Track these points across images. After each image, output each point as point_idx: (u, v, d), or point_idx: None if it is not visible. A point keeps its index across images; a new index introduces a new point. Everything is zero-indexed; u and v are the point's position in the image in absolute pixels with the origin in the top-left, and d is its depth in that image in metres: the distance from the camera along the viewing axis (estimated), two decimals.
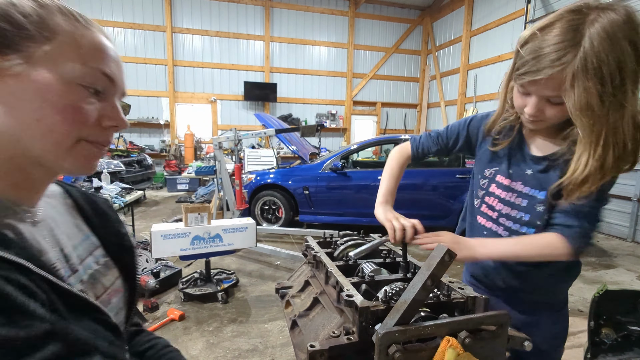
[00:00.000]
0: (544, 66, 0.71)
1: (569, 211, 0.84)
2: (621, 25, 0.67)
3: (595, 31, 0.67)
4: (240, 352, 2.40)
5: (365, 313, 0.69)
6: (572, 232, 0.83)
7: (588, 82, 0.68)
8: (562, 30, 0.70)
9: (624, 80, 0.69)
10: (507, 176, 0.96)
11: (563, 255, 0.84)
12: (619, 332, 0.98)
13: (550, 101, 0.77)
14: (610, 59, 0.67)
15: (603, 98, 0.69)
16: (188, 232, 2.86)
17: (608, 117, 0.71)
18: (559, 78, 0.71)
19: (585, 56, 0.67)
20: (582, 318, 2.93)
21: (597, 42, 0.67)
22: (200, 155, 9.73)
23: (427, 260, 0.67)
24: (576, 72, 0.68)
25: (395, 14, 11.30)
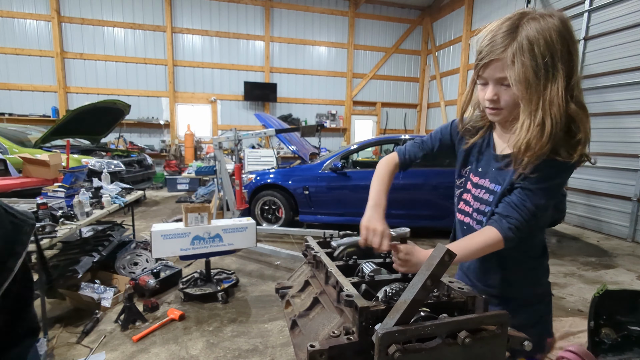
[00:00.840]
0: (493, 49, 0.88)
1: (508, 202, 0.93)
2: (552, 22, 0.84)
3: (530, 24, 0.85)
4: (240, 352, 2.40)
5: (365, 313, 0.69)
6: (504, 224, 0.92)
7: (523, 58, 0.84)
8: (507, 24, 0.88)
9: (554, 60, 0.84)
10: (476, 174, 1.07)
11: (497, 245, 0.92)
12: (619, 332, 0.98)
13: (503, 84, 0.90)
14: (540, 41, 0.83)
15: (536, 71, 0.84)
16: (188, 232, 2.86)
17: (541, 88, 0.85)
18: (503, 59, 0.87)
19: (521, 39, 0.84)
20: (582, 318, 2.92)
21: (530, 29, 0.84)
22: (200, 155, 9.73)
23: (427, 260, 0.67)
24: (515, 51, 0.85)
25: (395, 14, 11.30)
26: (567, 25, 0.86)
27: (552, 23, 0.84)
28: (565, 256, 4.59)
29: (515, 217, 0.91)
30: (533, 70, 0.84)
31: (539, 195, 0.91)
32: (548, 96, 0.85)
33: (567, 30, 0.85)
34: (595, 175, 5.88)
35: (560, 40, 0.84)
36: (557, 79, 0.84)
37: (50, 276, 2.73)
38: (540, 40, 0.83)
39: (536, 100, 0.86)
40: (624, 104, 5.41)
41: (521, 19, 0.87)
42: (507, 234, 0.91)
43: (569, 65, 0.85)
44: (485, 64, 0.90)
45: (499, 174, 1.00)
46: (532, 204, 0.91)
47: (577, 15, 6.08)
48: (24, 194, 3.69)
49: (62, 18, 8.98)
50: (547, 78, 0.84)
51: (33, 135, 6.30)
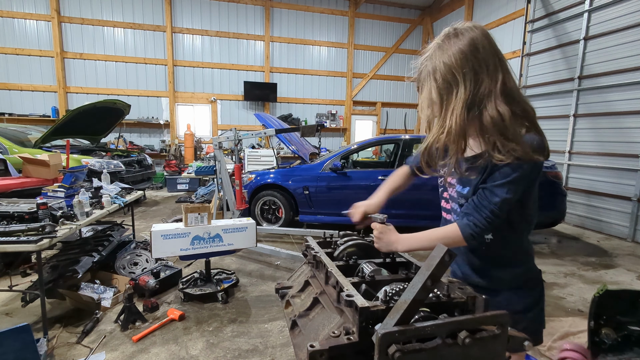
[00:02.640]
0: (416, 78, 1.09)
1: (470, 203, 1.03)
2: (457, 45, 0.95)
3: (437, 52, 0.98)
4: (240, 352, 2.40)
5: (365, 313, 0.69)
6: (464, 222, 1.01)
7: (429, 83, 1.00)
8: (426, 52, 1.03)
9: (455, 77, 0.95)
10: (450, 175, 1.15)
11: (459, 241, 1.01)
12: (619, 332, 0.98)
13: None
14: (440, 65, 0.97)
15: (439, 91, 0.98)
16: (188, 232, 2.86)
17: (443, 102, 0.98)
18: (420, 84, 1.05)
19: (428, 66, 1.01)
20: (582, 318, 2.93)
21: (436, 59, 0.98)
22: (200, 155, 9.73)
23: (427, 260, 0.67)
24: (424, 78, 1.03)
25: (395, 14, 11.30)
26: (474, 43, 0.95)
27: (457, 45, 0.95)
28: (565, 256, 4.59)
29: (474, 215, 1.00)
30: (436, 90, 0.99)
31: (495, 193, 0.97)
32: (450, 107, 0.97)
33: (472, 49, 0.95)
34: (595, 175, 5.88)
35: (461, 59, 0.95)
36: (458, 92, 0.95)
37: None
38: (440, 65, 0.96)
39: (440, 111, 1.00)
40: (624, 104, 5.41)
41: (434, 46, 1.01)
42: (464, 230, 1.00)
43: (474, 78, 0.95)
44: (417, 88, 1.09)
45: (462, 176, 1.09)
46: (489, 202, 0.98)
47: (577, 15, 6.08)
48: (24, 194, 3.69)
49: (62, 18, 8.98)
50: (449, 92, 0.97)
51: (33, 135, 6.30)
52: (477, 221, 0.99)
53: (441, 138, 0.99)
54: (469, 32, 0.96)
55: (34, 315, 2.76)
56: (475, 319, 0.69)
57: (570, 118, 6.22)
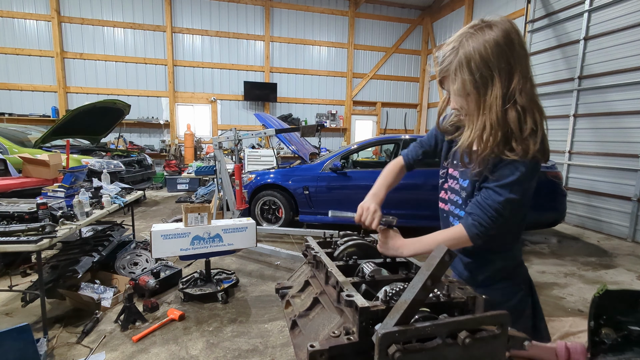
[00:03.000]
0: (443, 66, 0.99)
1: (475, 202, 1.02)
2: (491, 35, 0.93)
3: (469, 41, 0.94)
4: (240, 352, 2.40)
5: (365, 313, 0.69)
6: (469, 222, 1.00)
7: (462, 74, 0.94)
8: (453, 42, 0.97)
9: (491, 71, 0.92)
10: (451, 166, 1.18)
11: (465, 242, 1.01)
12: (619, 332, 0.98)
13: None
14: (476, 57, 0.92)
15: (474, 84, 0.94)
16: (188, 232, 2.86)
17: (480, 97, 0.95)
18: (449, 74, 0.97)
19: (460, 57, 0.94)
20: (582, 318, 2.92)
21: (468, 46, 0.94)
22: (200, 155, 9.73)
23: (427, 260, 0.67)
24: (456, 68, 0.95)
25: (395, 14, 11.30)
26: (506, 34, 0.93)
27: (490, 36, 0.93)
28: (565, 256, 4.59)
29: (478, 214, 0.99)
30: (471, 84, 0.94)
31: (499, 192, 0.97)
32: (487, 103, 0.94)
33: (506, 41, 0.93)
34: (595, 175, 5.88)
35: (497, 52, 0.92)
36: (495, 88, 0.93)
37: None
38: (475, 56, 0.92)
39: (477, 107, 0.96)
40: (624, 104, 5.41)
41: (464, 35, 0.96)
42: (470, 229, 1.00)
43: (509, 73, 0.93)
44: (441, 79, 1.03)
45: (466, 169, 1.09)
46: (493, 202, 0.98)
47: (577, 15, 6.08)
48: (24, 194, 3.69)
49: (62, 18, 8.98)
50: (486, 87, 0.94)
51: (33, 135, 6.30)
52: (482, 220, 0.98)
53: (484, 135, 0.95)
54: (502, 24, 0.95)
55: (34, 315, 2.75)
56: (475, 319, 0.69)
57: (570, 118, 6.22)
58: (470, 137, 0.97)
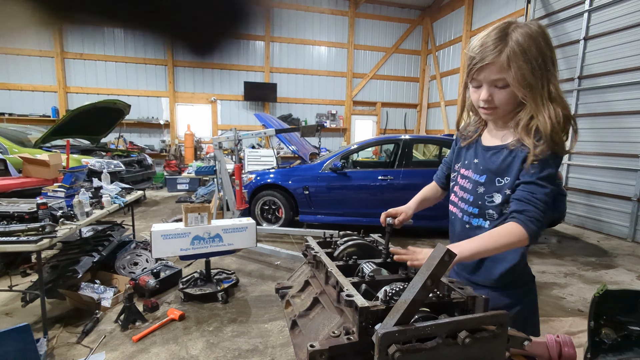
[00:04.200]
0: (487, 54, 0.96)
1: (521, 199, 0.98)
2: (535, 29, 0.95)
3: (518, 31, 0.94)
4: (240, 352, 2.40)
5: (365, 313, 0.69)
6: (524, 218, 0.95)
7: (519, 62, 0.93)
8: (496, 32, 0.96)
9: (546, 62, 0.94)
10: (464, 166, 1.17)
11: (522, 240, 0.94)
12: (619, 332, 0.98)
13: (497, 86, 0.99)
14: (531, 47, 0.93)
15: (533, 73, 0.94)
16: (188, 232, 2.86)
17: (540, 86, 0.95)
18: (498, 62, 0.95)
19: (513, 44, 0.93)
20: (582, 318, 2.93)
21: (520, 36, 0.93)
22: (200, 155, 9.73)
23: (427, 260, 0.67)
24: (510, 55, 0.93)
25: (395, 14, 11.30)
26: (546, 33, 0.97)
27: (535, 30, 0.95)
28: (565, 256, 4.59)
29: (531, 209, 0.95)
30: (530, 72, 0.94)
31: (542, 184, 0.97)
32: (548, 94, 0.95)
33: (548, 38, 0.96)
34: (595, 175, 5.88)
35: (546, 45, 0.95)
36: (553, 78, 0.96)
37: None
38: (531, 45, 0.93)
39: (540, 97, 0.96)
40: (624, 104, 5.41)
41: (508, 27, 0.96)
42: (529, 226, 0.94)
43: (554, 66, 0.97)
44: (479, 67, 0.99)
45: (484, 163, 1.09)
46: (541, 194, 0.96)
47: (577, 15, 6.08)
48: (24, 194, 3.69)
49: None
50: (543, 78, 0.95)
51: (33, 135, 6.30)
52: (538, 215, 0.95)
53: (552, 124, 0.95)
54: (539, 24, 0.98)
55: (34, 315, 2.75)
56: (475, 318, 0.69)
57: None
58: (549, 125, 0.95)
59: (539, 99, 0.96)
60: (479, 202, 1.08)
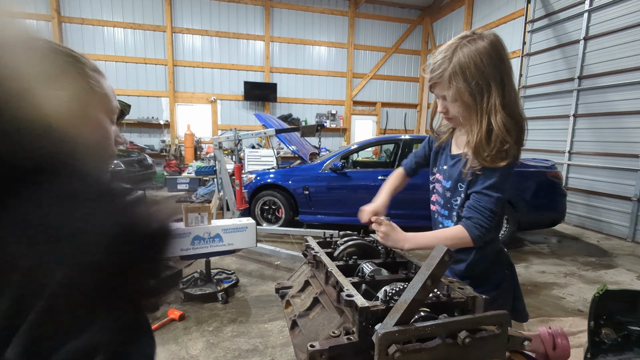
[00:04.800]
0: (434, 74, 1.05)
1: (470, 207, 1.08)
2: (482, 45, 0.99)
3: (463, 50, 0.99)
4: (240, 352, 2.40)
5: (365, 313, 0.69)
6: (469, 224, 1.06)
7: (457, 83, 1.00)
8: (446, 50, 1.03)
9: (486, 79, 0.99)
10: (438, 172, 1.26)
11: (466, 242, 1.06)
12: (619, 332, 0.98)
13: (447, 99, 1.07)
14: (470, 66, 0.98)
15: (470, 91, 1.00)
16: (188, 232, 2.86)
17: (477, 104, 1.01)
18: (442, 81, 1.04)
19: (454, 65, 1.00)
20: (582, 318, 2.93)
21: (462, 55, 0.99)
22: (200, 155, 9.73)
23: (427, 260, 0.67)
24: (450, 76, 1.01)
25: (395, 14, 11.30)
26: (496, 46, 1.00)
27: (482, 46, 0.99)
28: (565, 256, 4.59)
29: (477, 217, 1.05)
30: (467, 91, 1.00)
31: (489, 194, 1.05)
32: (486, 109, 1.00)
33: (495, 52, 1.00)
34: (595, 175, 5.88)
35: (489, 61, 0.99)
36: (492, 94, 1.00)
37: None
38: (470, 64, 0.98)
39: (475, 114, 1.03)
40: (624, 104, 5.41)
41: (457, 45, 1.01)
42: (472, 231, 1.05)
43: (501, 82, 1.00)
44: (431, 85, 1.09)
45: (449, 171, 1.19)
46: (486, 202, 1.05)
47: (577, 15, 6.08)
48: None
49: (62, 18, 8.99)
50: (482, 95, 1.00)
51: None
52: (482, 222, 1.04)
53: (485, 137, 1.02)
54: (492, 37, 1.01)
55: None
56: (475, 318, 0.69)
57: (570, 118, 6.22)
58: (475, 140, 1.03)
59: (475, 116, 1.03)
60: (448, 205, 1.20)
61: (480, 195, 1.06)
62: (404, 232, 1.10)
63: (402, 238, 1.09)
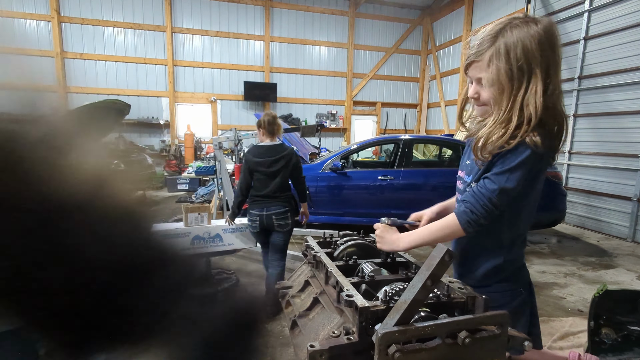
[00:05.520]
0: (472, 53, 0.97)
1: (470, 191, 0.99)
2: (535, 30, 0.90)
3: (512, 31, 0.91)
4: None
5: (365, 313, 0.69)
6: (461, 209, 0.97)
7: (498, 63, 0.91)
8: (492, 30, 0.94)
9: (531, 65, 0.89)
10: (461, 168, 1.18)
11: (457, 231, 0.97)
12: (619, 332, 0.98)
13: (482, 84, 0.98)
14: (517, 47, 0.89)
15: (510, 75, 0.90)
16: (188, 232, 2.86)
17: (514, 91, 0.91)
18: (482, 61, 0.95)
19: (499, 45, 0.91)
20: (582, 318, 2.93)
21: (511, 36, 0.90)
22: (200, 155, 9.73)
23: (427, 260, 0.67)
24: (491, 55, 0.92)
25: (395, 14, 11.30)
26: (551, 33, 0.91)
27: (535, 31, 0.90)
28: (565, 256, 4.59)
29: (471, 201, 0.96)
30: (506, 74, 0.91)
31: (494, 181, 0.95)
32: (521, 98, 0.90)
33: (548, 39, 0.90)
34: (595, 175, 5.88)
35: (539, 47, 0.89)
36: (534, 83, 0.90)
37: None
38: (517, 46, 0.89)
39: (507, 101, 0.92)
40: (624, 104, 5.41)
41: (507, 24, 0.92)
42: (461, 217, 0.96)
43: (547, 72, 0.91)
44: (468, 64, 1.00)
45: (469, 166, 1.11)
46: (487, 190, 0.95)
47: (577, 15, 6.08)
48: None
49: (62, 18, 8.98)
50: (521, 81, 0.90)
51: None
52: (474, 208, 0.95)
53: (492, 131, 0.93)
54: (549, 23, 0.92)
55: None
56: (475, 319, 0.69)
57: (570, 118, 6.22)
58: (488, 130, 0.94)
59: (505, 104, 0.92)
60: None
61: (485, 181, 0.96)
62: (398, 233, 1.06)
63: (395, 238, 1.04)
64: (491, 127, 0.94)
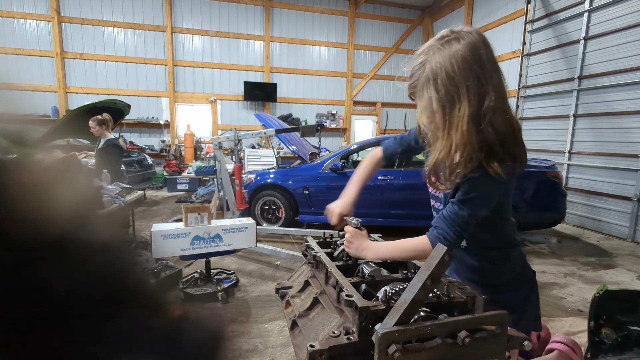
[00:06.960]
0: (409, 83, 0.98)
1: (440, 216, 1.01)
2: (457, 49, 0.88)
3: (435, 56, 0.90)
4: (240, 352, 2.40)
5: (365, 313, 0.69)
6: (434, 234, 0.99)
7: (428, 91, 0.91)
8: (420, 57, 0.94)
9: (457, 88, 0.87)
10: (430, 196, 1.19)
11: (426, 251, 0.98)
12: (619, 332, 0.98)
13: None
14: (441, 73, 0.88)
15: (440, 101, 0.90)
16: (188, 232, 2.86)
17: (446, 116, 0.90)
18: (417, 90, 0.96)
19: (427, 73, 0.91)
20: (582, 318, 2.92)
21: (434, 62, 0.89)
22: (200, 155, 9.73)
23: (427, 260, 0.68)
24: (423, 83, 0.92)
25: (395, 14, 11.30)
26: (475, 47, 0.88)
27: (457, 49, 0.88)
28: (565, 256, 4.59)
29: (443, 227, 0.99)
30: (436, 101, 0.90)
31: (462, 208, 0.97)
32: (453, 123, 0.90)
33: (474, 54, 0.88)
34: (595, 175, 5.88)
35: (464, 66, 0.87)
36: (461, 106, 0.88)
37: None
38: (442, 71, 0.88)
39: (443, 125, 0.92)
40: (624, 104, 5.41)
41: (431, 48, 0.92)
42: (433, 242, 0.98)
43: (479, 91, 0.88)
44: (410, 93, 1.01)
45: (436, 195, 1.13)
46: (457, 217, 0.97)
47: (577, 15, 6.08)
48: None
49: (62, 18, 8.98)
50: (452, 105, 0.89)
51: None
52: (447, 235, 0.97)
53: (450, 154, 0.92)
54: (470, 37, 0.89)
55: None
56: (475, 318, 0.69)
57: (570, 118, 6.22)
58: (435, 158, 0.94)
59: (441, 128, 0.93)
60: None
61: (454, 207, 0.98)
62: (368, 241, 1.05)
63: (365, 247, 1.02)
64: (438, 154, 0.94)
